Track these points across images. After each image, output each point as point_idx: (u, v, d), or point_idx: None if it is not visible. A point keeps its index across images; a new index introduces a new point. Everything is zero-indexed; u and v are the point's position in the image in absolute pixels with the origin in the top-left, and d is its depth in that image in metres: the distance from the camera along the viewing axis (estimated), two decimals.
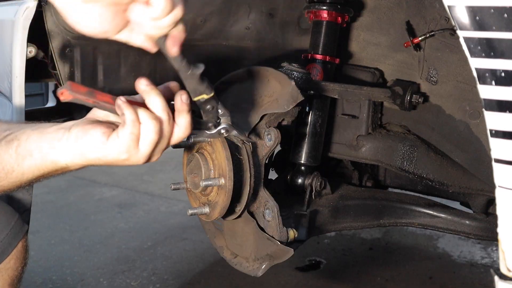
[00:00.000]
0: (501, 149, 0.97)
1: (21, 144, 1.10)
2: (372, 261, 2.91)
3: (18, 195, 1.56)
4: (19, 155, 1.10)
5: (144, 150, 1.05)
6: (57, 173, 1.14)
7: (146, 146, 1.05)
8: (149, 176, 4.49)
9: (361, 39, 1.80)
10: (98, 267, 2.78)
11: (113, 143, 1.04)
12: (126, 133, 1.03)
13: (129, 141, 1.03)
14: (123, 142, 1.03)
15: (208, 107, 1.15)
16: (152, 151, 1.07)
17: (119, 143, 1.04)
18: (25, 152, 1.10)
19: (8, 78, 1.61)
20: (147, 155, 1.06)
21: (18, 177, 1.11)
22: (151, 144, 1.05)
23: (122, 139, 1.03)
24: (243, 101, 1.49)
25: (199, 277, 2.70)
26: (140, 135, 1.04)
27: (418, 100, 1.64)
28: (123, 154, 1.05)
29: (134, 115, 1.03)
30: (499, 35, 0.94)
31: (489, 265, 2.79)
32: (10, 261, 1.40)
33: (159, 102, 1.05)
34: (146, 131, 1.04)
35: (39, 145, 1.09)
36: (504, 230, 0.99)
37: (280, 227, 1.43)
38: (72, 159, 1.08)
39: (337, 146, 1.77)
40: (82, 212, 3.60)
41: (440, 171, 1.70)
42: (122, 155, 1.05)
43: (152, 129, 1.04)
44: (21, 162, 1.10)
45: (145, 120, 1.03)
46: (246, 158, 1.41)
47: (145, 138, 1.04)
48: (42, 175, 1.12)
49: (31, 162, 1.10)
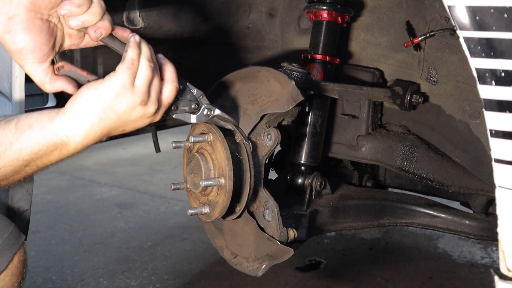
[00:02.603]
0: (501, 149, 0.97)
1: (20, 120, 1.11)
2: (372, 261, 2.91)
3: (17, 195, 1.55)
4: (18, 130, 1.10)
5: (140, 86, 1.10)
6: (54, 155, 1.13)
7: (142, 81, 1.10)
8: (149, 176, 4.49)
9: (361, 39, 1.80)
10: (98, 267, 2.78)
11: (109, 80, 1.09)
12: (123, 67, 1.09)
13: (126, 75, 1.08)
14: (119, 75, 1.08)
15: (180, 87, 1.23)
16: (148, 89, 1.11)
17: (114, 78, 1.08)
18: (24, 126, 1.10)
19: (8, 78, 1.61)
20: (143, 92, 1.11)
21: (16, 152, 1.10)
22: (146, 80, 1.11)
23: (118, 73, 1.09)
24: (243, 101, 1.49)
25: (199, 277, 2.70)
26: (136, 72, 1.10)
27: (418, 100, 1.64)
28: (119, 89, 1.09)
29: (136, 55, 1.10)
30: (499, 35, 0.94)
31: (489, 265, 2.79)
32: (5, 278, 1.28)
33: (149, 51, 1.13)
34: (143, 68, 1.10)
35: (39, 118, 1.10)
36: (504, 230, 0.99)
37: (280, 227, 1.43)
38: (71, 124, 1.09)
39: (337, 146, 1.77)
40: (82, 212, 3.60)
41: (440, 171, 1.70)
42: (118, 90, 1.09)
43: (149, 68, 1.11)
44: (20, 136, 1.10)
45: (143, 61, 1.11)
46: (246, 158, 1.41)
47: (141, 74, 1.10)
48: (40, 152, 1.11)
49: (30, 135, 1.09)
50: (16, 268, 1.31)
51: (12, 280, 1.30)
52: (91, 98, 1.09)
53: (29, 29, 1.06)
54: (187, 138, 1.45)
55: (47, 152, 1.11)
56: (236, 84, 1.53)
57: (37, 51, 1.08)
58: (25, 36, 1.06)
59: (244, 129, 1.45)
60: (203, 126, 1.44)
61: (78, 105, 1.09)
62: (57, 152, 1.12)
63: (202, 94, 1.29)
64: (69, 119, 1.09)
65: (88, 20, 1.07)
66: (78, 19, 1.06)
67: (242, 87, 1.52)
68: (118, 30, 1.15)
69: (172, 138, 1.55)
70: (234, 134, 1.43)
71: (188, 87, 1.27)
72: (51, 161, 1.15)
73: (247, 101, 1.48)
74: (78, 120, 1.09)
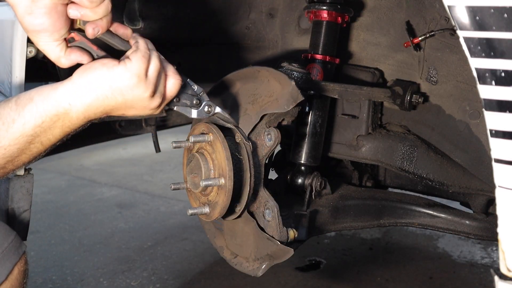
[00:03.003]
0: (501, 149, 0.97)
1: (20, 96, 1.11)
2: (372, 261, 2.91)
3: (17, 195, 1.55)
4: (19, 105, 1.09)
5: (152, 77, 1.12)
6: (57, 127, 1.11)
7: (154, 72, 1.12)
8: (149, 176, 4.49)
9: (361, 39, 1.80)
10: (98, 267, 2.78)
11: (125, 66, 1.10)
12: (139, 56, 1.10)
13: (142, 64, 1.10)
14: (136, 64, 1.10)
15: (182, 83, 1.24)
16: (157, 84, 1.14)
17: (131, 65, 1.10)
18: (25, 100, 1.10)
19: (8, 78, 1.61)
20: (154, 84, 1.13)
21: (19, 128, 1.09)
22: (157, 71, 1.13)
23: (135, 62, 1.10)
24: (243, 101, 1.49)
25: (199, 277, 2.70)
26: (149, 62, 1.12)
27: (418, 100, 1.64)
28: (134, 77, 1.10)
29: (147, 45, 1.13)
30: (499, 35, 0.94)
31: (489, 265, 2.79)
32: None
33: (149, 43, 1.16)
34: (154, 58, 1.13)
35: (40, 90, 1.11)
36: (504, 230, 0.99)
37: (280, 227, 1.43)
38: (76, 93, 1.09)
39: (337, 146, 1.77)
40: (82, 212, 3.60)
41: (440, 171, 1.70)
42: (133, 79, 1.10)
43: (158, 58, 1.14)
44: (22, 110, 1.09)
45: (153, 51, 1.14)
46: (246, 158, 1.41)
47: (153, 65, 1.12)
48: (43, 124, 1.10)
49: (33, 108, 1.09)
50: (16, 280, 1.27)
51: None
52: (104, 76, 1.09)
53: (50, 14, 1.06)
54: (187, 138, 1.45)
55: (50, 125, 1.10)
56: (236, 84, 1.53)
57: (55, 33, 1.08)
58: (46, 20, 1.06)
59: (244, 129, 1.45)
60: (203, 126, 1.44)
61: (88, 77, 1.10)
62: (59, 123, 1.11)
63: (202, 90, 1.31)
64: (76, 88, 1.09)
65: (88, 15, 1.07)
66: (79, 11, 1.06)
67: (242, 87, 1.52)
68: (118, 27, 1.16)
69: (172, 138, 1.56)
70: (234, 134, 1.43)
71: (189, 83, 1.29)
72: (55, 136, 1.13)
73: (247, 101, 1.48)
74: (85, 91, 1.09)
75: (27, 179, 1.57)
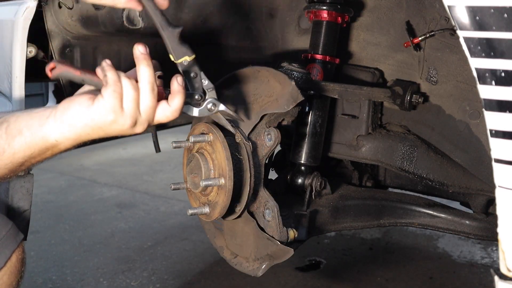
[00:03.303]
0: (501, 149, 0.97)
1: (10, 124, 1.13)
2: (372, 261, 2.91)
3: (17, 195, 1.55)
4: (9, 135, 1.12)
5: (128, 109, 1.09)
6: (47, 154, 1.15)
7: (129, 103, 1.08)
8: (149, 176, 4.49)
9: (361, 39, 1.80)
10: (98, 267, 2.78)
11: (99, 104, 1.08)
12: (109, 91, 1.07)
13: (114, 99, 1.07)
14: (108, 100, 1.07)
15: (192, 74, 1.19)
16: (136, 114, 1.10)
17: (104, 103, 1.07)
18: (15, 131, 1.12)
19: (8, 78, 1.61)
20: (132, 115, 1.09)
21: (9, 157, 1.13)
22: (133, 101, 1.09)
23: (107, 98, 1.07)
24: (243, 101, 1.49)
25: (199, 277, 2.70)
26: (123, 94, 1.08)
27: (418, 100, 1.64)
28: (110, 114, 1.08)
29: (116, 76, 1.08)
30: (499, 35, 0.94)
31: (489, 265, 2.79)
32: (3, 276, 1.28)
33: (148, 72, 1.10)
34: (128, 89, 1.08)
35: (29, 123, 1.12)
36: (504, 230, 0.99)
37: (280, 227, 1.43)
38: (61, 133, 1.11)
39: (337, 146, 1.77)
40: (82, 212, 3.60)
41: (440, 171, 1.70)
42: (108, 116, 1.08)
43: (132, 87, 1.08)
44: (11, 141, 1.12)
45: (125, 80, 1.08)
46: (246, 158, 1.41)
47: (127, 96, 1.08)
48: (33, 154, 1.14)
49: (22, 141, 1.12)
50: (14, 267, 1.31)
51: (11, 278, 1.30)
52: (82, 116, 1.10)
53: None
54: (187, 138, 1.45)
55: (40, 153, 1.15)
56: (236, 84, 1.53)
57: None
58: None
59: (244, 129, 1.45)
60: (203, 126, 1.44)
61: (69, 116, 1.11)
62: (49, 152, 1.15)
63: (212, 87, 1.22)
64: (59, 126, 1.11)
65: None
66: None
67: (242, 87, 1.52)
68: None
69: (172, 138, 1.55)
70: (234, 134, 1.43)
71: (200, 76, 1.21)
72: (45, 158, 1.18)
73: (247, 101, 1.48)
74: (68, 129, 1.11)
75: (27, 179, 1.57)
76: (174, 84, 1.12)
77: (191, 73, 1.19)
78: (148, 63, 1.10)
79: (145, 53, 1.10)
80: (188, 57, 1.17)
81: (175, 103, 1.12)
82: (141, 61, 1.10)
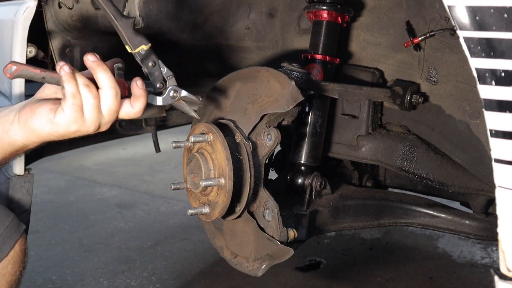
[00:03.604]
0: (501, 149, 0.97)
1: None
2: (372, 261, 2.91)
3: (17, 195, 1.55)
4: None
5: (90, 117, 1.11)
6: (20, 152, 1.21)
7: (90, 112, 1.11)
8: (149, 176, 4.49)
9: (361, 39, 1.80)
10: (98, 267, 2.78)
11: (60, 117, 1.10)
12: (68, 105, 1.09)
13: (74, 112, 1.09)
14: (68, 114, 1.09)
15: (151, 63, 1.20)
16: (99, 118, 1.12)
17: (65, 116, 1.10)
18: None
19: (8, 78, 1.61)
20: (94, 121, 1.12)
21: None
22: (94, 109, 1.11)
23: (67, 112, 1.09)
24: (243, 101, 1.49)
25: (199, 277, 2.70)
26: (82, 104, 1.10)
27: (418, 100, 1.64)
28: (72, 126, 1.11)
29: (74, 88, 1.09)
30: (499, 35, 0.94)
31: (489, 265, 2.79)
32: (7, 266, 1.32)
33: (106, 77, 1.11)
34: (87, 99, 1.10)
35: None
36: (504, 230, 0.99)
37: (280, 227, 1.43)
38: (27, 138, 1.15)
39: (337, 146, 1.77)
40: (82, 212, 3.60)
41: (440, 171, 1.70)
42: (71, 127, 1.11)
43: (92, 95, 1.10)
44: None
45: (84, 90, 1.10)
46: (246, 158, 1.41)
47: (87, 105, 1.10)
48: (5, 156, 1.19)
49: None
50: (17, 256, 1.35)
51: (14, 268, 1.34)
52: (46, 128, 1.13)
53: None
54: (187, 138, 1.45)
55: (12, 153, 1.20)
56: (236, 84, 1.53)
57: None
58: None
59: (244, 129, 1.45)
60: (203, 126, 1.44)
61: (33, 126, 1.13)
62: (20, 151, 1.21)
63: (171, 74, 1.24)
64: (24, 133, 1.15)
65: None
66: None
67: (242, 87, 1.52)
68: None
69: (172, 138, 1.56)
70: (234, 134, 1.43)
71: (158, 65, 1.22)
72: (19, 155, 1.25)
73: (247, 101, 1.48)
74: (33, 135, 1.15)
75: (27, 179, 1.57)
76: (135, 88, 1.14)
77: (149, 62, 1.20)
78: (103, 68, 1.12)
79: (97, 59, 1.12)
80: (144, 46, 1.19)
81: (137, 105, 1.15)
82: (95, 69, 1.12)
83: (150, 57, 1.20)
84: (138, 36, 1.19)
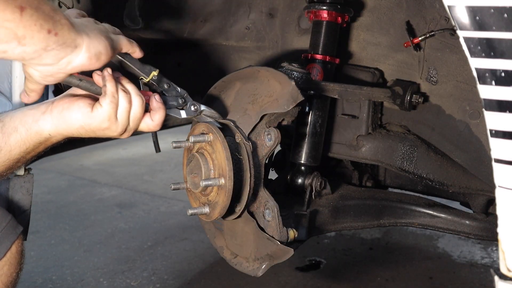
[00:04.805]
0: (501, 149, 0.97)
1: (5, 124, 1.21)
2: (372, 261, 2.91)
3: (17, 195, 1.55)
4: (4, 134, 1.20)
5: (121, 119, 1.19)
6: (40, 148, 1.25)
7: (123, 114, 1.19)
8: (149, 176, 4.49)
9: (361, 39, 1.80)
10: (98, 267, 2.78)
11: (97, 111, 1.18)
12: (107, 101, 1.17)
13: (111, 109, 1.17)
14: (106, 109, 1.17)
15: (166, 86, 1.31)
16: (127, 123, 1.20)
17: (102, 111, 1.17)
18: (10, 129, 1.20)
19: (8, 78, 1.61)
20: (123, 125, 1.20)
21: (6, 154, 1.21)
22: (126, 113, 1.19)
23: (105, 107, 1.17)
24: (243, 101, 1.49)
25: (199, 277, 2.70)
26: (118, 105, 1.18)
27: (418, 100, 1.64)
28: (105, 122, 1.18)
29: (114, 87, 1.17)
30: (499, 35, 0.94)
31: (489, 265, 2.79)
32: (3, 267, 1.32)
33: (132, 87, 1.21)
34: (123, 101, 1.18)
35: (23, 119, 1.21)
36: (504, 230, 0.99)
37: (280, 227, 1.43)
38: (56, 128, 1.20)
39: (337, 146, 1.77)
40: (82, 212, 3.60)
41: (440, 171, 1.70)
42: (104, 123, 1.18)
43: (126, 100, 1.19)
44: (8, 139, 1.20)
45: (121, 92, 1.18)
46: (246, 158, 1.41)
47: (122, 107, 1.18)
48: (28, 149, 1.22)
49: (17, 137, 1.20)
50: (14, 258, 1.35)
51: (11, 269, 1.35)
52: (80, 120, 1.19)
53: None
54: (187, 138, 1.45)
55: (34, 148, 1.23)
56: (236, 84, 1.53)
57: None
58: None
59: (244, 129, 1.45)
60: (203, 126, 1.43)
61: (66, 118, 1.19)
62: (42, 146, 1.24)
63: (185, 92, 1.35)
64: (55, 123, 1.20)
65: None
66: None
67: (242, 87, 1.52)
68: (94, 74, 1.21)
69: (172, 138, 1.55)
70: (234, 134, 1.43)
71: (172, 86, 1.33)
72: (39, 153, 1.28)
73: (247, 101, 1.48)
74: (63, 127, 1.20)
75: (27, 179, 1.57)
76: (154, 102, 1.24)
77: (164, 84, 1.31)
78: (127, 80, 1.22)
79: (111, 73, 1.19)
80: (154, 71, 1.29)
81: (157, 118, 1.25)
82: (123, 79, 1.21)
83: (162, 80, 1.30)
84: (146, 65, 1.28)
